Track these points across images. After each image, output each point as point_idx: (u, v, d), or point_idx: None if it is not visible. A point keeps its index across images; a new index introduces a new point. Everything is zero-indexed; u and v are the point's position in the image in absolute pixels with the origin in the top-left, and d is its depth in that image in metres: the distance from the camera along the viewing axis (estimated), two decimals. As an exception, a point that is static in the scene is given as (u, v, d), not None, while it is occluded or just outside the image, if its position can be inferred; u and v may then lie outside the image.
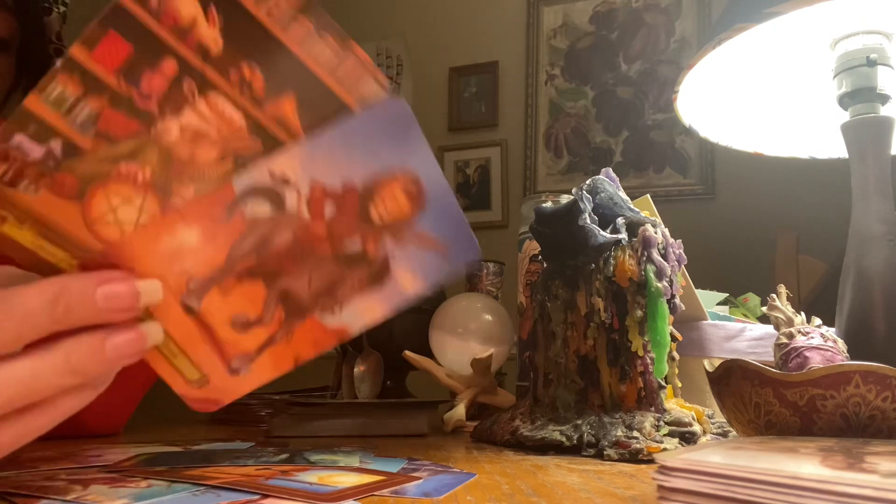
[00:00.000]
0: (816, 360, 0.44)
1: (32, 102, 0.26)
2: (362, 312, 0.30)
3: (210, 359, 0.30)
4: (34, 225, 0.27)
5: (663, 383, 0.50)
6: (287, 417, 0.65)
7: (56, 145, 0.26)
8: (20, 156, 0.26)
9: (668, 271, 0.50)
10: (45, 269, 0.28)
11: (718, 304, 0.85)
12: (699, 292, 0.71)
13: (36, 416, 0.26)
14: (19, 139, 0.26)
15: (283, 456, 0.44)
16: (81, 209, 0.27)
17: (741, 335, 0.69)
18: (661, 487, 0.25)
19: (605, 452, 0.46)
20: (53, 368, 0.25)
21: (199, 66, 0.26)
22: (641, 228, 0.51)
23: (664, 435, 0.47)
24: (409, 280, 0.30)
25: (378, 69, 0.28)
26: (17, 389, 0.24)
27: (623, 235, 0.52)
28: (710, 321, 0.70)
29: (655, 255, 0.50)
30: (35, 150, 0.26)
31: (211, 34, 0.26)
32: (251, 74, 0.27)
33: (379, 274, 0.30)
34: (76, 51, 0.25)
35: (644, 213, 0.55)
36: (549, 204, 0.57)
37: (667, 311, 0.50)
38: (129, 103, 0.26)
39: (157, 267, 0.29)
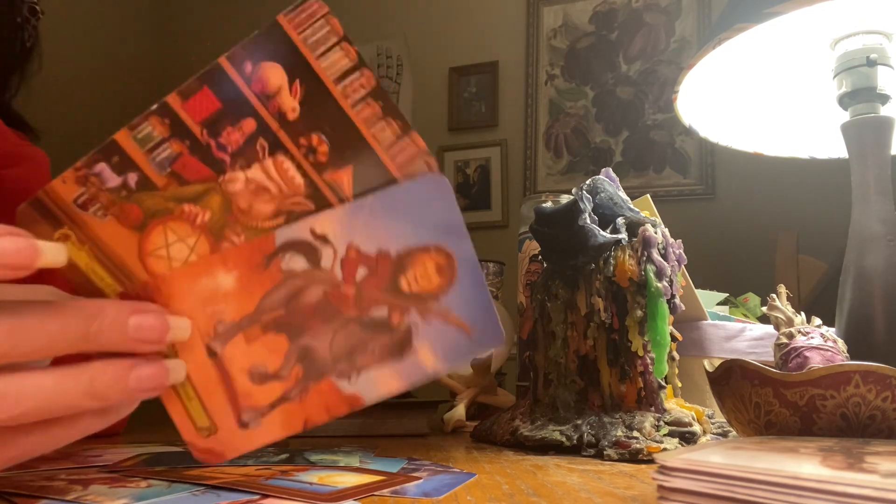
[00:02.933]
0: (816, 360, 0.44)
1: (122, 137, 0.28)
2: (378, 383, 0.30)
3: (222, 408, 0.30)
4: (92, 248, 0.29)
5: (663, 383, 0.50)
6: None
7: (132, 177, 0.29)
8: (98, 182, 0.28)
9: (668, 271, 0.50)
10: (90, 292, 0.29)
11: (718, 304, 0.85)
12: (699, 292, 0.71)
13: (51, 431, 0.27)
14: (101, 167, 0.28)
15: (283, 456, 0.44)
16: (139, 240, 0.29)
17: (741, 335, 0.69)
18: (661, 487, 0.25)
19: (605, 452, 0.46)
20: (76, 388, 0.26)
21: (275, 129, 0.29)
22: (641, 228, 0.51)
23: (664, 435, 0.47)
24: (429, 357, 0.30)
25: (429, 154, 0.30)
26: (38, 402, 0.25)
27: (623, 235, 0.52)
28: (710, 321, 0.70)
29: (655, 255, 0.50)
30: (112, 180, 0.28)
31: (291, 103, 0.29)
32: (319, 143, 0.29)
33: (400, 345, 0.30)
34: (172, 99, 0.28)
35: (644, 213, 0.55)
36: (549, 204, 0.57)
37: (667, 311, 0.50)
38: (206, 151, 0.29)
39: (191, 306, 0.30)
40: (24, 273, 0.25)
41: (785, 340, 0.47)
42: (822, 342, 0.46)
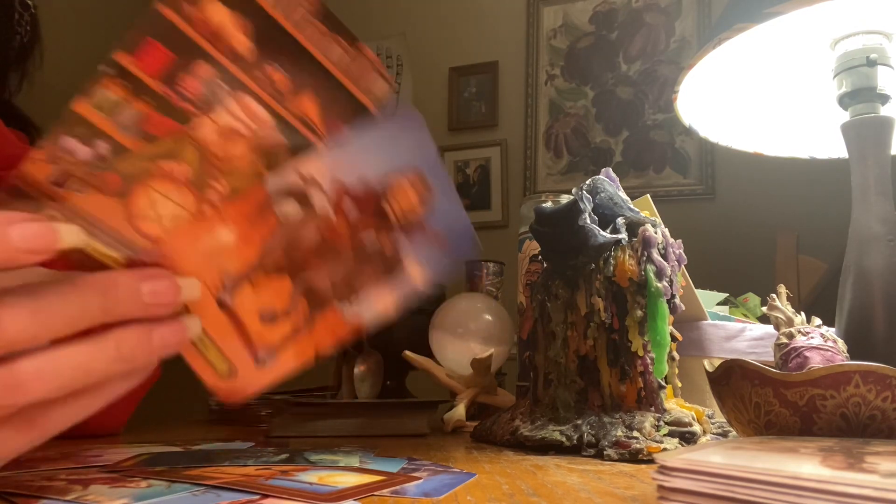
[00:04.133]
0: (816, 360, 0.44)
1: (79, 106, 0.28)
2: (376, 302, 0.32)
3: (239, 351, 0.32)
4: (81, 223, 0.29)
5: (663, 383, 0.50)
6: (287, 417, 0.65)
7: (102, 146, 0.28)
8: (68, 157, 0.28)
9: (668, 271, 0.50)
10: (94, 267, 0.29)
11: (718, 304, 0.85)
12: (699, 292, 0.71)
13: (86, 399, 0.28)
14: (67, 141, 0.28)
15: (283, 456, 0.44)
16: (124, 206, 0.29)
17: (741, 335, 0.69)
18: (661, 487, 0.25)
19: (605, 452, 0.46)
20: (105, 355, 0.27)
21: (229, 67, 0.29)
22: (641, 228, 0.51)
23: (664, 435, 0.47)
24: (416, 270, 0.32)
25: (384, 67, 0.31)
26: (73, 374, 0.26)
27: (623, 235, 0.52)
28: (710, 321, 0.70)
29: (655, 255, 0.50)
30: (82, 151, 0.28)
31: (238, 38, 0.29)
32: (274, 73, 0.30)
33: (392, 266, 0.32)
34: (119, 56, 0.28)
35: (644, 213, 0.55)
36: (549, 204, 0.57)
37: (667, 311, 0.50)
38: (167, 104, 0.29)
39: (197, 265, 0.30)
40: (45, 257, 0.25)
41: (785, 340, 0.47)
42: (822, 342, 0.46)
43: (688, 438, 0.48)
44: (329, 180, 0.31)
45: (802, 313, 0.49)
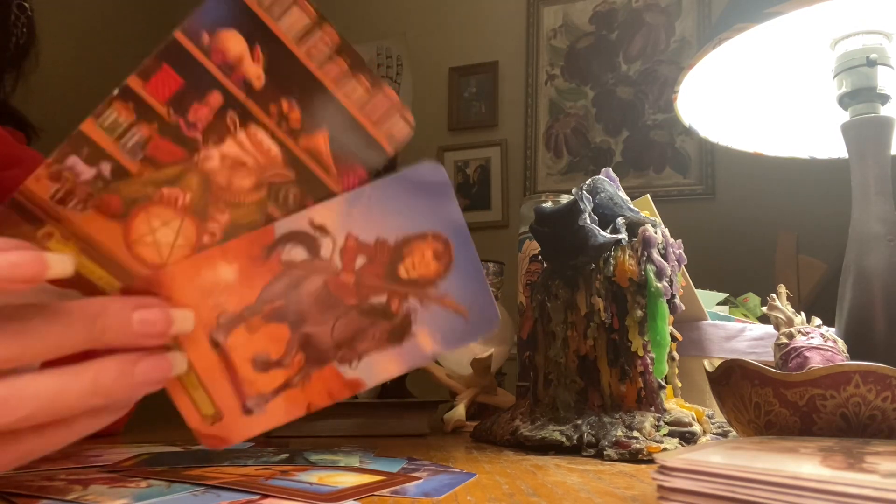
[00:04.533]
0: (816, 360, 0.44)
1: (88, 127, 0.28)
2: (379, 368, 0.31)
3: (227, 395, 0.31)
4: (78, 243, 0.28)
5: (663, 383, 0.50)
6: (287, 417, 0.65)
7: (106, 167, 0.28)
8: (72, 176, 0.28)
9: (668, 271, 0.50)
10: (87, 289, 0.29)
11: (718, 304, 0.85)
12: (699, 292, 0.71)
13: (51, 433, 0.26)
14: (73, 161, 0.28)
15: (283, 456, 0.44)
16: (124, 229, 0.29)
17: (741, 335, 0.69)
18: (661, 487, 0.25)
19: (605, 452, 0.46)
20: (80, 388, 0.26)
21: (242, 100, 0.28)
22: (641, 228, 0.51)
23: (664, 435, 0.47)
24: (428, 341, 0.31)
25: (405, 108, 0.30)
26: (42, 404, 0.25)
27: (623, 235, 0.52)
28: (710, 321, 0.70)
29: (655, 255, 0.50)
30: (86, 172, 0.28)
31: (255, 70, 0.28)
32: (289, 109, 0.29)
33: (400, 331, 0.31)
34: (132, 81, 0.27)
35: (644, 213, 0.55)
36: (549, 204, 0.57)
37: (667, 311, 0.50)
38: (176, 131, 0.28)
39: (193, 299, 0.29)
40: (33, 285, 0.25)
41: (785, 340, 0.47)
42: (822, 342, 0.46)
43: (688, 438, 0.48)
44: (341, 232, 0.30)
45: (802, 313, 0.49)
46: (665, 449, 0.45)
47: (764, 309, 0.52)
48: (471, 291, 0.30)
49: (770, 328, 0.67)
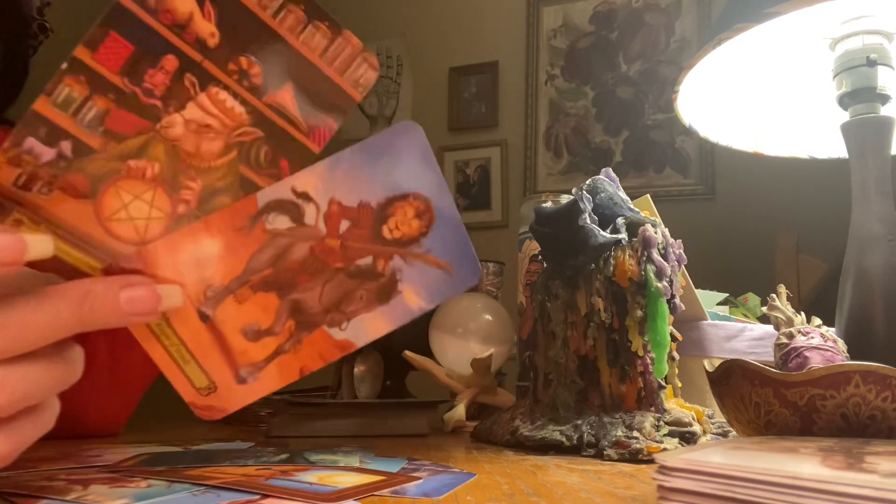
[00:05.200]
0: (816, 360, 0.44)
1: (41, 106, 0.26)
2: (368, 327, 0.31)
3: (219, 367, 0.31)
4: (50, 227, 0.28)
5: (663, 383, 0.50)
6: (287, 417, 0.65)
7: (66, 146, 0.27)
8: (32, 159, 0.27)
9: (668, 271, 0.50)
10: (67, 273, 0.28)
11: (718, 304, 0.85)
12: (699, 292, 0.71)
13: (41, 412, 0.26)
14: (30, 143, 0.27)
15: (283, 456, 0.44)
16: (95, 208, 0.28)
17: (741, 335, 0.69)
18: (661, 487, 0.25)
19: (605, 452, 0.46)
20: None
21: (198, 60, 0.28)
22: (641, 228, 0.51)
23: (664, 435, 0.47)
24: (414, 297, 0.31)
25: (371, 53, 0.29)
26: (21, 389, 0.25)
27: (623, 235, 0.52)
28: (710, 321, 0.70)
29: (655, 255, 0.50)
30: (46, 153, 0.27)
31: (207, 28, 0.27)
32: (249, 65, 0.28)
33: (387, 290, 0.31)
34: (80, 52, 0.26)
35: (644, 213, 0.55)
36: (549, 204, 0.57)
37: (667, 311, 0.50)
38: (134, 101, 0.27)
39: (179, 274, 0.29)
40: (13, 269, 0.24)
41: (785, 340, 0.47)
42: (822, 342, 0.46)
43: (688, 438, 0.48)
44: (324, 197, 0.30)
45: (802, 313, 0.49)
46: (665, 449, 0.45)
47: (764, 309, 0.52)
48: (453, 247, 0.31)
49: (770, 328, 0.66)
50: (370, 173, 0.30)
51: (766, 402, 0.40)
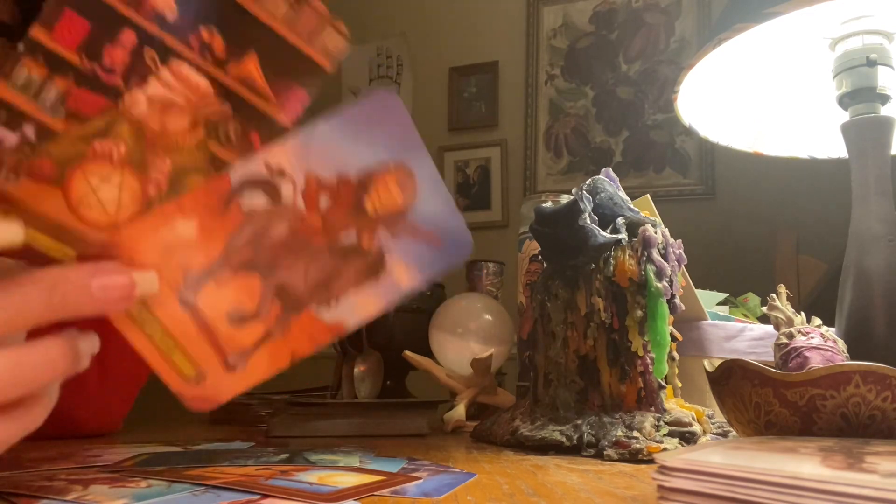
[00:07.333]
0: (816, 360, 0.44)
1: (1, 89, 0.26)
2: (358, 306, 0.30)
3: (206, 354, 0.30)
4: (21, 215, 0.27)
5: (663, 383, 0.50)
6: (287, 417, 0.65)
7: (29, 130, 0.26)
8: None
9: (668, 271, 0.50)
10: (39, 261, 0.28)
11: (718, 304, 0.85)
12: (699, 292, 0.71)
13: (29, 407, 0.26)
14: None
15: (283, 456, 0.44)
16: (63, 193, 0.27)
17: (741, 335, 0.69)
18: (661, 487, 0.25)
19: (605, 452, 0.46)
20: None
21: (157, 34, 0.27)
22: (641, 228, 0.51)
23: (664, 435, 0.47)
24: (404, 273, 0.30)
25: (338, 20, 0.28)
26: (7, 376, 0.24)
27: (623, 235, 0.52)
28: (710, 321, 0.70)
29: (655, 255, 0.50)
30: (9, 138, 0.26)
31: (165, 0, 0.26)
32: (210, 37, 0.27)
33: (374, 267, 0.30)
34: (36, 32, 0.26)
35: (644, 213, 0.55)
36: (549, 204, 0.57)
37: (667, 311, 0.50)
38: (93, 80, 0.26)
39: (155, 259, 0.28)
40: None
41: (785, 340, 0.47)
42: (822, 342, 0.46)
43: (688, 438, 0.48)
44: (300, 172, 0.28)
45: (802, 313, 0.49)
46: (665, 449, 0.45)
47: (764, 309, 0.52)
48: (440, 217, 0.29)
49: (770, 328, 0.66)
50: (347, 145, 0.28)
51: (766, 402, 0.40)
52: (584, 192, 0.53)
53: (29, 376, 0.25)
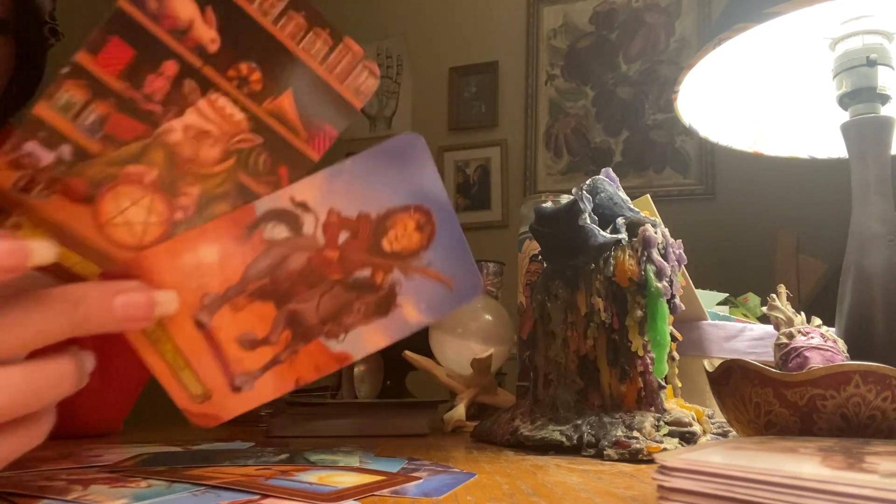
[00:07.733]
0: (816, 360, 0.44)
1: (41, 109, 0.26)
2: (365, 340, 0.31)
3: (214, 374, 0.31)
4: (49, 230, 0.28)
5: (663, 383, 0.50)
6: (287, 417, 0.65)
7: (66, 150, 0.27)
8: (32, 162, 0.27)
9: (668, 271, 0.50)
10: (65, 276, 0.28)
11: (718, 304, 0.85)
12: (699, 292, 0.71)
13: (38, 419, 0.26)
14: (31, 146, 0.27)
15: (283, 456, 0.44)
16: (93, 212, 0.28)
17: (741, 335, 0.69)
18: (661, 487, 0.25)
19: (605, 452, 0.46)
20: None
21: (198, 66, 0.27)
22: (641, 228, 0.51)
23: (664, 435, 0.47)
24: (413, 311, 0.31)
25: (372, 61, 0.29)
26: (14, 394, 0.24)
27: (623, 235, 0.52)
28: (710, 321, 0.70)
29: (655, 255, 0.50)
30: (46, 157, 0.27)
31: (208, 34, 0.27)
32: (249, 71, 0.28)
33: (385, 303, 0.31)
34: (82, 57, 0.26)
35: (644, 213, 0.55)
36: (549, 204, 0.57)
37: (667, 311, 0.50)
38: (133, 106, 0.27)
39: (176, 281, 0.29)
40: (16, 275, 0.24)
41: (785, 340, 0.47)
42: (822, 342, 0.46)
43: (688, 438, 0.48)
44: (324, 207, 0.29)
45: (802, 313, 0.49)
46: (665, 449, 0.45)
47: (764, 309, 0.52)
48: (454, 260, 0.30)
49: (770, 328, 0.66)
50: (370, 184, 0.29)
51: (766, 402, 0.40)
52: (584, 192, 0.53)
53: (41, 393, 0.26)
